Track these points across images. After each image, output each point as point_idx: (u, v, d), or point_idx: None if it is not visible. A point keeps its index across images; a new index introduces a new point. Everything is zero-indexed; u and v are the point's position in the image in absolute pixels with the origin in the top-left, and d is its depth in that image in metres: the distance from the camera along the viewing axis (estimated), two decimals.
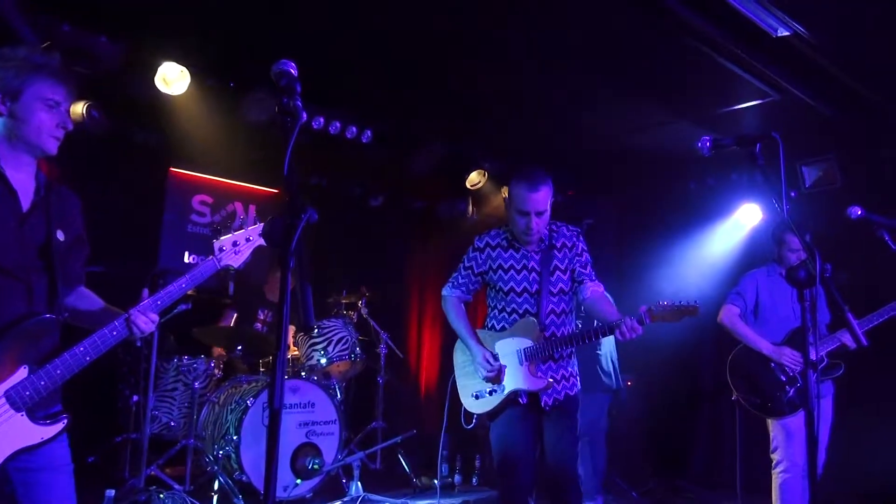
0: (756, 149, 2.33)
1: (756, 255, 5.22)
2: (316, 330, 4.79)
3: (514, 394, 2.98)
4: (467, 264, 3.15)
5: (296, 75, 1.72)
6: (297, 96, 1.70)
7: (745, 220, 5.94)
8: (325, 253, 6.01)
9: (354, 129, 5.31)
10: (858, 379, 3.97)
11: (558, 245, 3.11)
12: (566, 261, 3.11)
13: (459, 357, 3.12)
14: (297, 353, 4.87)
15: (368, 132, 5.38)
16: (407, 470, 5.16)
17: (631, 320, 2.82)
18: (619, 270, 6.36)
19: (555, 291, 3.06)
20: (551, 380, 3.00)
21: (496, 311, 3.09)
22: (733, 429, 4.25)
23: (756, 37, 3.92)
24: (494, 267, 3.08)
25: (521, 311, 3.03)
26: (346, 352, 4.81)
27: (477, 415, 3.02)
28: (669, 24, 3.85)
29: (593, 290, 3.14)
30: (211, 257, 2.25)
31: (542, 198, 2.96)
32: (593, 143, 5.66)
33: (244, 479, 4.12)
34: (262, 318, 5.03)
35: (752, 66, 4.26)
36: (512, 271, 3.06)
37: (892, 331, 3.83)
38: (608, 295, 3.21)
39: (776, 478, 3.83)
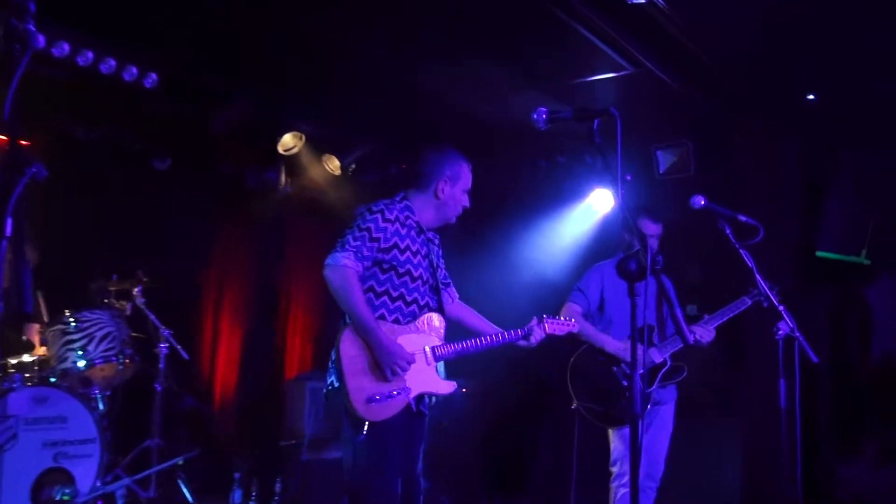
0: (594, 125, 2.52)
1: (610, 245, 5.63)
2: (73, 323, 4.57)
3: (415, 398, 3.16)
4: (375, 234, 3.13)
5: None
6: (30, 17, 1.59)
7: (598, 205, 6.38)
8: (91, 225, 5.67)
9: (135, 70, 5.06)
10: (702, 382, 4.42)
11: (436, 241, 3.43)
12: (438, 260, 3.44)
13: (351, 349, 3.06)
14: (45, 352, 4.61)
15: (153, 76, 5.14)
16: (188, 497, 5.03)
17: (540, 327, 3.45)
18: (461, 253, 6.58)
19: (440, 286, 3.37)
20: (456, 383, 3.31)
21: (389, 298, 3.17)
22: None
23: (610, 1, 4.23)
24: (402, 246, 3.19)
25: (422, 304, 3.24)
26: (113, 352, 4.65)
27: (368, 423, 3.01)
28: None
29: (455, 297, 3.55)
30: None
31: None
32: (430, 110, 5.79)
33: None
34: None
35: (604, 34, 4.57)
36: (419, 256, 3.24)
37: (737, 330, 4.31)
38: None
39: (614, 491, 4.17)
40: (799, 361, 3.50)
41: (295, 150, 6.19)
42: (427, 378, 3.19)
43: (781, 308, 3.58)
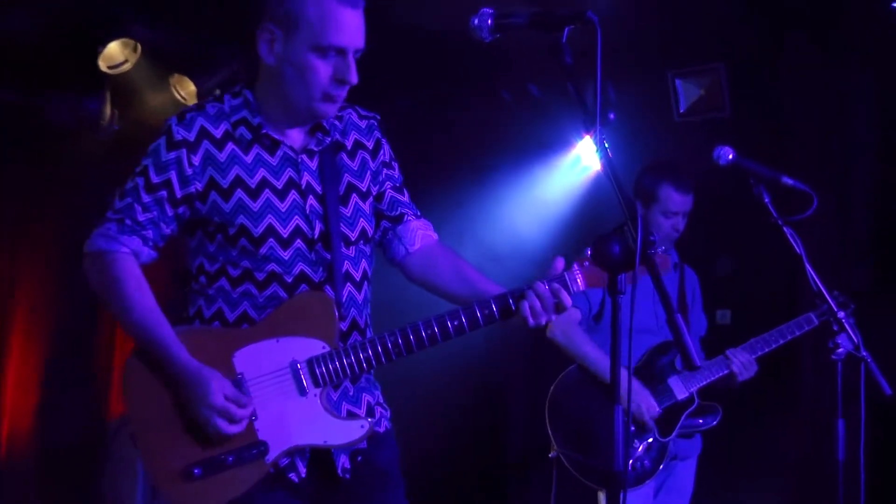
0: (562, 36, 2.51)
1: (605, 216, 5.69)
2: None
3: (288, 458, 2.76)
4: (156, 179, 2.73)
5: None
6: None
7: (589, 157, 6.48)
8: None
9: None
10: (730, 422, 4.50)
11: (348, 143, 2.95)
12: (367, 174, 2.97)
13: (140, 389, 2.73)
14: None
15: None
16: None
17: (547, 285, 2.78)
18: None
19: (353, 237, 2.88)
20: (368, 420, 2.83)
21: (229, 280, 2.79)
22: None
23: None
24: (224, 183, 2.74)
25: (289, 280, 2.78)
26: None
27: None
28: None
29: (425, 235, 3.07)
30: None
31: (361, 24, 2.75)
32: None
33: None
34: None
35: None
36: (266, 191, 2.77)
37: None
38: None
39: None
40: (866, 394, 3.57)
41: (126, 67, 6.09)
42: (302, 419, 2.73)
43: (842, 315, 3.65)
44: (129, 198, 2.75)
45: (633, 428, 4.23)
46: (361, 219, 2.91)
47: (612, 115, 6.08)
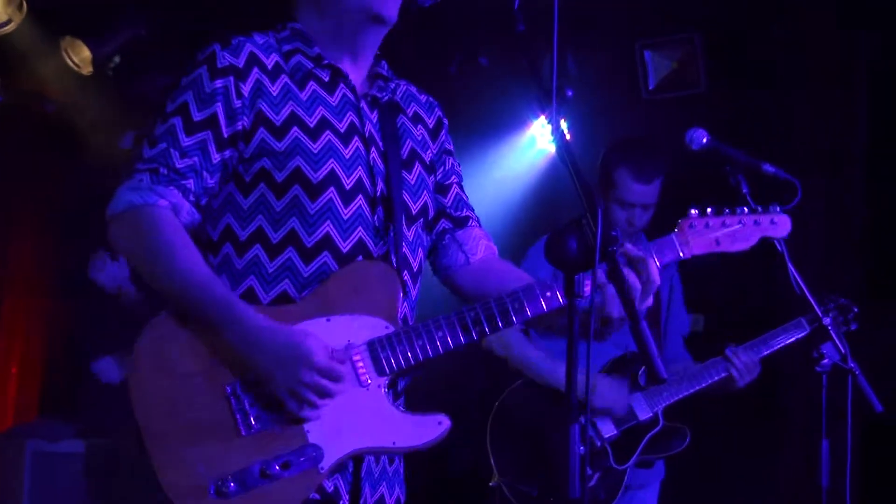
0: (514, 2, 2.46)
1: (565, 202, 5.69)
2: None
3: (333, 471, 2.53)
4: (199, 115, 2.57)
5: None
6: None
7: (545, 139, 6.47)
8: None
9: None
10: (697, 444, 4.49)
11: (408, 110, 2.89)
12: (429, 151, 2.91)
13: (171, 371, 2.49)
14: None
15: None
16: None
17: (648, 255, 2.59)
18: None
19: (414, 209, 2.78)
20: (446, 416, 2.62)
21: (265, 246, 2.59)
22: None
23: None
24: (277, 120, 2.59)
25: (344, 250, 2.61)
26: None
27: None
28: None
29: (488, 246, 2.99)
30: None
31: None
32: None
33: None
34: None
35: None
36: (328, 132, 2.63)
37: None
38: None
39: None
40: (853, 411, 3.57)
41: (9, 28, 6.00)
42: (363, 416, 2.53)
43: (828, 322, 3.65)
44: (162, 143, 2.55)
45: (583, 449, 4.17)
46: (425, 192, 2.80)
47: (570, 92, 6.03)
